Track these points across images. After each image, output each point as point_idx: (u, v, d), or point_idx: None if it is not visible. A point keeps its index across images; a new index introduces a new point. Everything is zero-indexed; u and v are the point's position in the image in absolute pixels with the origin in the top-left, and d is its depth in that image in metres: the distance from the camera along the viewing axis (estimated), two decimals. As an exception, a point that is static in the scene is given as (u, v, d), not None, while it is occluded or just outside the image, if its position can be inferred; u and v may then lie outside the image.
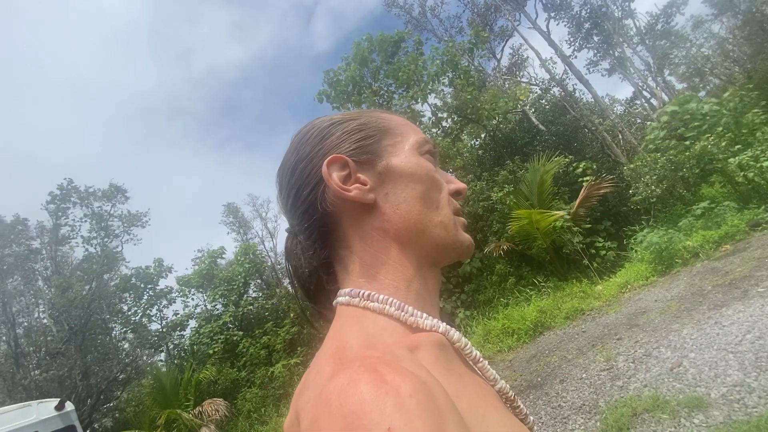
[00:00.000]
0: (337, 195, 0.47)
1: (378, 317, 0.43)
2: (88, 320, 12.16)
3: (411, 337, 0.41)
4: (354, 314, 0.44)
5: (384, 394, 0.28)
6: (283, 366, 11.01)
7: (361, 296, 0.44)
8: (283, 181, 0.53)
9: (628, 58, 17.50)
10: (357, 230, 0.48)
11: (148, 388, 11.44)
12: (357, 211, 0.48)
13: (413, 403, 0.27)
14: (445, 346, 0.41)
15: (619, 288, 6.90)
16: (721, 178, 8.25)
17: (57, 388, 10.46)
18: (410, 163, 0.50)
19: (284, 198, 0.53)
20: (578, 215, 8.69)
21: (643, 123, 16.38)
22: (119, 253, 14.20)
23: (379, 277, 0.46)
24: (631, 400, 3.31)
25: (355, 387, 0.29)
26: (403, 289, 0.46)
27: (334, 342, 0.42)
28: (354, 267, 0.48)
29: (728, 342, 3.55)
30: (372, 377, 0.29)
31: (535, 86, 17.97)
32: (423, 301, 0.47)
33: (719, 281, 5.11)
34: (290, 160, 0.52)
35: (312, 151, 0.50)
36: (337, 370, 0.33)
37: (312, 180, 0.49)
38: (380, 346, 0.38)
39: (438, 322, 0.43)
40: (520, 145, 12.49)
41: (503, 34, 20.35)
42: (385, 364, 0.31)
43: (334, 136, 0.50)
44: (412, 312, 0.43)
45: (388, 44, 12.98)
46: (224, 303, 14.28)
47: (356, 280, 0.47)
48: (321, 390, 0.31)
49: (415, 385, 0.29)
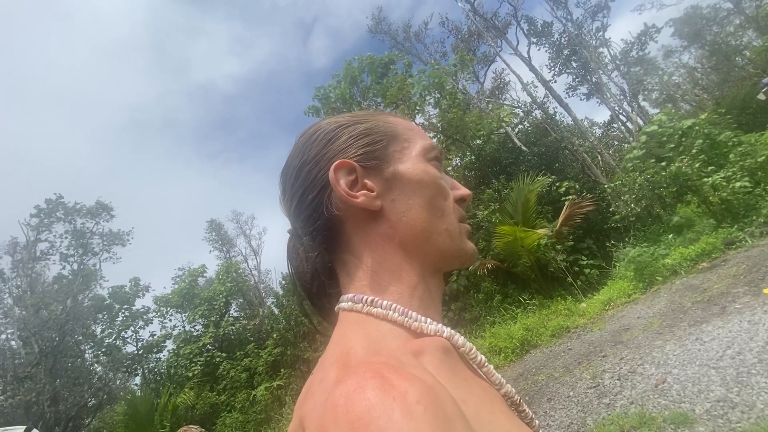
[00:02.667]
0: (343, 201, 0.46)
1: (381, 323, 0.42)
2: (61, 342, 11.60)
3: (415, 342, 0.40)
4: (357, 320, 0.43)
5: (391, 399, 0.27)
6: (265, 389, 10.65)
7: (364, 302, 0.44)
8: (288, 182, 0.52)
9: (605, 83, 18.30)
10: (362, 236, 0.48)
11: (120, 415, 10.87)
12: (363, 217, 0.47)
13: (420, 408, 0.27)
14: (449, 350, 0.41)
15: (603, 305, 6.98)
16: (696, 198, 8.55)
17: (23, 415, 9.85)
18: (417, 169, 0.49)
19: (288, 200, 0.52)
20: (561, 233, 8.85)
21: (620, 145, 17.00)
22: (97, 271, 13.72)
23: (383, 283, 0.46)
24: (618, 418, 3.31)
25: (363, 393, 0.28)
26: (407, 295, 0.46)
27: (338, 348, 0.41)
28: (357, 272, 0.47)
29: (710, 358, 3.61)
30: (379, 383, 0.29)
31: (518, 109, 18.55)
32: (427, 306, 0.46)
33: (698, 298, 5.23)
34: (295, 161, 0.51)
35: (318, 154, 0.49)
36: (343, 376, 0.33)
37: (318, 184, 0.48)
38: (385, 351, 0.38)
39: (442, 327, 0.43)
40: (504, 164, 12.78)
41: (486, 59, 21.08)
42: (391, 369, 0.31)
43: (341, 139, 0.50)
44: (416, 317, 0.43)
45: (379, 65, 13.28)
46: (204, 323, 13.85)
47: (359, 285, 0.46)
48: (327, 396, 0.31)
49: (422, 390, 0.29)
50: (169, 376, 13.14)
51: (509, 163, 12.79)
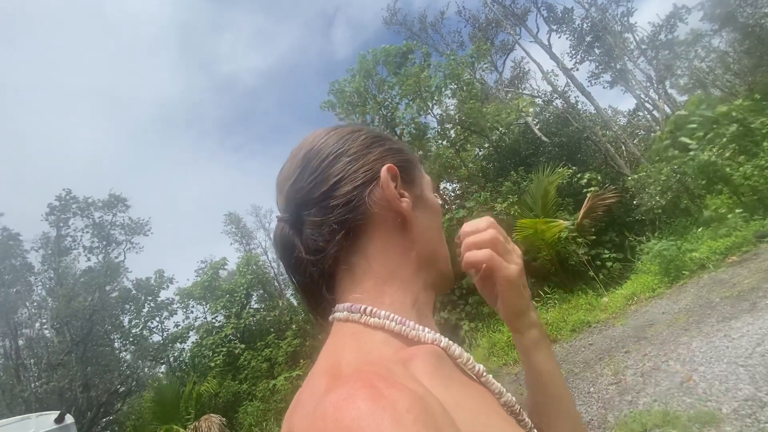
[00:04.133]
0: (387, 201, 0.46)
1: (376, 332, 0.42)
2: (90, 331, 12.10)
3: (407, 350, 0.40)
4: (352, 330, 0.43)
5: (381, 409, 0.27)
6: (285, 379, 10.88)
7: (362, 311, 0.43)
8: (314, 164, 0.48)
9: (630, 70, 17.63)
10: (383, 241, 0.47)
11: (149, 402, 11.32)
12: (392, 223, 0.47)
13: (411, 417, 0.27)
14: (442, 356, 0.41)
15: (626, 300, 6.81)
16: (727, 189, 8.19)
17: (57, 401, 10.36)
18: (433, 198, 0.55)
19: (309, 182, 0.48)
20: (583, 226, 8.64)
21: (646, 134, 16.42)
22: (121, 263, 14.21)
23: (388, 292, 0.46)
24: (640, 416, 3.23)
25: (352, 402, 0.28)
26: (408, 305, 0.46)
27: (329, 360, 0.40)
28: (363, 277, 0.46)
29: (738, 355, 3.48)
30: (368, 392, 0.29)
31: (538, 98, 18.11)
32: (423, 317, 0.47)
33: (727, 293, 5.03)
34: (331, 148, 0.49)
35: (362, 150, 0.49)
36: (332, 386, 0.32)
37: (361, 177, 0.47)
38: (376, 361, 0.37)
39: (440, 336, 0.43)
40: (524, 156, 12.53)
41: (504, 48, 20.61)
42: (381, 378, 0.31)
43: (383, 147, 0.51)
44: (414, 326, 0.42)
45: (395, 56, 13.13)
46: (226, 315, 14.21)
47: (361, 293, 0.45)
48: (316, 406, 0.31)
49: (412, 399, 0.28)
50: (193, 365, 13.57)
51: (529, 155, 12.53)
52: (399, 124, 12.96)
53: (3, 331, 11.91)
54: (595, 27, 17.12)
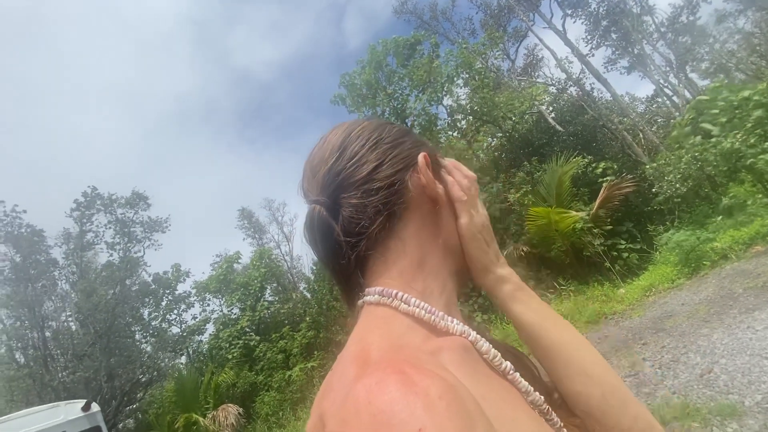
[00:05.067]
0: (424, 186, 0.49)
1: (405, 319, 0.42)
2: (113, 324, 12.47)
3: (436, 340, 0.40)
4: (383, 315, 0.43)
5: (414, 394, 0.27)
6: (300, 370, 11.07)
7: (393, 296, 0.43)
8: (351, 149, 0.49)
9: (648, 55, 17.06)
10: (418, 226, 0.49)
11: (170, 392, 11.66)
12: (426, 209, 0.50)
13: (443, 404, 0.27)
14: (469, 349, 0.41)
15: (643, 291, 6.68)
16: (751, 176, 7.90)
17: (83, 390, 10.75)
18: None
19: (347, 166, 0.48)
20: (598, 216, 8.48)
21: (666, 121, 15.92)
22: (141, 258, 14.56)
23: (419, 276, 0.47)
24: (659, 408, 3.18)
25: (384, 387, 0.28)
26: (436, 293, 0.47)
27: (359, 345, 0.40)
28: (396, 261, 0.47)
29: (762, 347, 3.38)
30: (400, 378, 0.29)
31: (552, 86, 17.71)
32: (451, 307, 0.48)
33: (751, 284, 4.89)
34: (368, 135, 0.50)
35: (397, 139, 0.51)
36: (363, 372, 0.33)
37: (401, 162, 0.49)
38: (405, 348, 0.38)
39: (469, 330, 0.43)
40: (537, 146, 12.31)
41: (517, 34, 20.16)
42: (412, 366, 0.31)
43: (414, 139, 0.54)
44: (443, 316, 0.43)
45: (404, 47, 12.98)
46: (241, 308, 14.47)
47: (394, 275, 0.46)
48: (348, 391, 0.31)
49: (444, 387, 0.28)
50: (211, 356, 13.90)
51: (542, 144, 12.30)
52: (410, 115, 12.86)
53: (31, 324, 12.37)
54: (611, 10, 16.56)
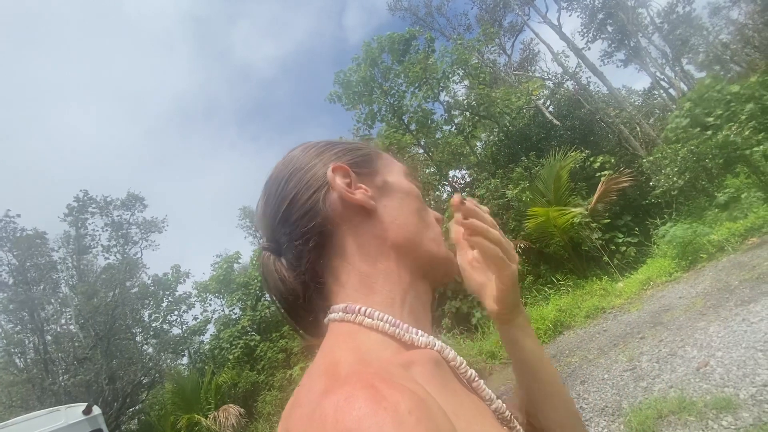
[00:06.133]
0: (342, 197, 0.47)
1: (372, 333, 0.42)
2: (113, 326, 12.48)
3: (405, 353, 0.40)
4: (348, 330, 0.42)
5: (383, 410, 0.26)
6: (301, 369, 11.08)
7: (357, 312, 0.43)
8: (274, 190, 0.51)
9: (644, 47, 17.04)
10: (355, 237, 0.47)
11: (169, 393, 11.68)
12: (357, 218, 0.48)
13: (413, 420, 0.26)
14: (440, 363, 0.40)
15: (641, 285, 6.71)
16: (746, 168, 7.93)
17: (84, 393, 10.78)
18: (404, 182, 0.54)
19: (273, 207, 0.50)
20: (597, 211, 8.49)
21: (662, 114, 15.92)
22: (139, 259, 14.55)
23: (376, 287, 0.45)
24: (656, 402, 3.20)
25: (353, 403, 0.27)
26: (398, 301, 0.45)
27: (327, 359, 0.40)
28: (348, 278, 0.46)
29: (757, 340, 3.41)
30: (369, 393, 0.28)
31: (548, 80, 17.68)
32: (417, 315, 0.46)
33: (746, 276, 4.92)
34: (284, 170, 0.51)
35: (311, 161, 0.50)
36: (332, 387, 0.32)
37: (312, 185, 0.48)
38: (375, 362, 0.37)
39: (434, 340, 0.43)
40: (535, 141, 12.31)
41: (513, 29, 20.09)
42: (382, 380, 0.30)
43: (332, 151, 0.52)
44: (407, 329, 0.42)
45: (399, 43, 12.91)
46: (242, 307, 14.47)
47: (351, 293, 0.46)
48: (315, 407, 0.30)
49: (413, 401, 0.28)
50: (212, 357, 13.92)
51: (540, 139, 12.30)
52: (406, 112, 12.81)
53: (32, 328, 12.38)
54: (607, 3, 16.52)
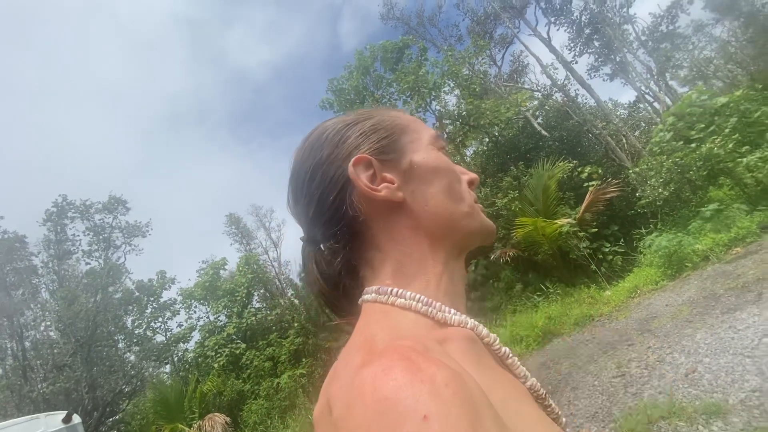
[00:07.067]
0: (366, 196, 0.46)
1: (406, 313, 0.42)
2: (94, 333, 12.14)
3: (440, 330, 0.40)
4: (382, 310, 0.43)
5: (419, 381, 0.27)
6: (288, 377, 10.91)
7: (389, 293, 0.43)
8: (301, 188, 0.50)
9: (630, 62, 17.50)
10: (387, 230, 0.47)
11: (150, 402, 11.36)
12: (386, 211, 0.47)
13: (449, 392, 0.27)
14: (474, 340, 0.41)
15: (629, 293, 6.79)
16: (729, 180, 8.14)
17: (64, 401, 10.42)
18: (431, 158, 0.50)
19: (304, 206, 0.50)
20: (584, 220, 8.62)
21: (648, 127, 16.31)
22: (122, 264, 14.23)
23: (410, 273, 0.46)
24: (645, 408, 3.22)
25: (390, 374, 0.28)
26: (433, 284, 0.46)
27: (363, 335, 0.41)
28: (383, 266, 0.47)
29: (744, 346, 3.46)
30: (406, 365, 0.29)
31: (537, 92, 18.00)
32: (451, 296, 0.46)
33: (732, 284, 5.01)
34: (307, 164, 0.50)
35: (331, 153, 0.49)
36: (369, 359, 0.33)
37: (337, 183, 0.47)
38: (410, 338, 0.37)
39: (466, 318, 0.43)
40: (524, 151, 12.48)
41: (503, 41, 20.45)
42: (418, 353, 0.31)
43: (352, 137, 0.49)
44: (441, 307, 0.42)
45: (392, 51, 13.06)
46: (227, 315, 14.22)
47: (384, 278, 0.46)
48: (354, 377, 0.31)
49: (449, 374, 0.28)
50: (197, 365, 13.61)
51: (529, 149, 12.48)
52: (398, 120, 12.85)
53: (10, 334, 11.98)
54: (593, 19, 16.97)
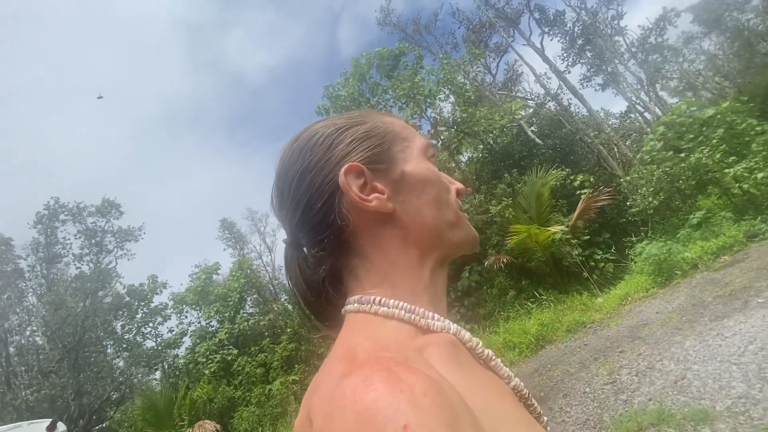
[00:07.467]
0: (356, 205, 0.45)
1: (388, 321, 0.42)
2: (82, 338, 11.91)
3: (421, 338, 0.41)
4: (364, 319, 0.43)
5: (399, 391, 0.28)
6: (280, 383, 10.79)
7: (371, 302, 0.44)
8: (288, 191, 0.49)
9: (621, 73, 17.84)
10: (375, 240, 0.47)
11: (139, 409, 11.16)
12: (375, 221, 0.46)
13: (428, 401, 0.27)
14: (456, 344, 0.41)
15: (620, 300, 6.86)
16: (717, 190, 8.30)
17: (49, 408, 10.20)
18: (422, 168, 0.50)
19: (290, 210, 0.49)
20: (577, 227, 8.71)
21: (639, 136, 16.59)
22: (113, 269, 14.02)
23: (396, 282, 0.46)
24: (636, 415, 3.25)
25: (370, 385, 0.29)
26: (419, 292, 0.46)
27: (345, 345, 0.41)
28: (367, 274, 0.47)
29: (731, 353, 3.51)
30: (386, 375, 0.29)
31: (531, 100, 18.24)
32: (434, 303, 0.47)
33: (719, 292, 5.09)
34: (295, 168, 0.49)
35: (321, 159, 0.47)
36: (350, 370, 0.33)
37: (326, 190, 0.46)
38: (391, 347, 0.38)
39: (449, 324, 0.44)
40: (518, 158, 12.61)
41: (498, 50, 20.73)
42: (398, 363, 0.31)
43: (344, 143, 0.48)
44: (423, 314, 0.43)
45: (388, 58, 13.16)
46: (219, 320, 14.05)
47: (368, 287, 0.46)
48: (334, 388, 0.32)
49: (428, 383, 0.29)
50: (187, 371, 13.40)
51: (523, 157, 12.61)
52: (393, 127, 12.91)
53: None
54: (586, 30, 17.31)
